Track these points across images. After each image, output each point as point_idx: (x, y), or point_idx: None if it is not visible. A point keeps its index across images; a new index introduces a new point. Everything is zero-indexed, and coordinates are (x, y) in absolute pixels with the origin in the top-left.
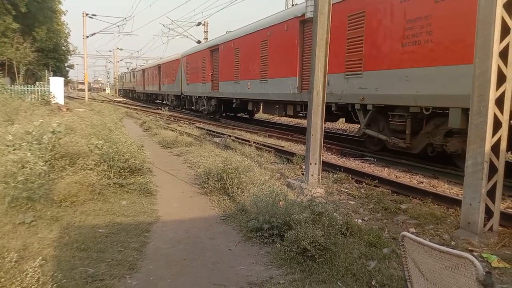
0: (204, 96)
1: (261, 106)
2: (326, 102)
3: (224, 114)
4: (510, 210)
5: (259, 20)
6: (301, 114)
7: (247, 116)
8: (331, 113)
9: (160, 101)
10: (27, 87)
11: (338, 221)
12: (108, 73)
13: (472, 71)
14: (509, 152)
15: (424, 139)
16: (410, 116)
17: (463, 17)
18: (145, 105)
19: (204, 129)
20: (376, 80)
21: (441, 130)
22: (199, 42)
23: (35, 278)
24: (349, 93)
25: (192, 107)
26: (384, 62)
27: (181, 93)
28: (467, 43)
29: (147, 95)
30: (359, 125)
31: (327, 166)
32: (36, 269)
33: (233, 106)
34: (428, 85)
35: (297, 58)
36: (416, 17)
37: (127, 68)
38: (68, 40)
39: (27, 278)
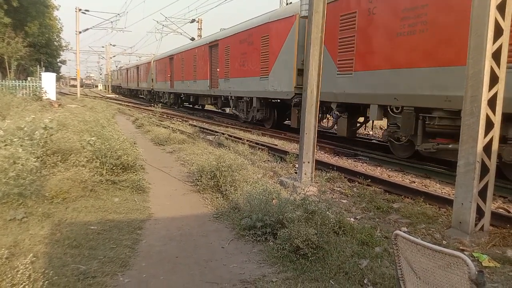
0: (166, 92)
1: (197, 99)
2: (219, 95)
3: (182, 105)
4: (501, 210)
5: (194, 41)
6: (212, 103)
7: (200, 108)
8: (219, 102)
9: (140, 96)
10: (19, 82)
11: (331, 220)
12: (100, 69)
13: (258, 81)
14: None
15: (251, 113)
16: (245, 102)
17: (255, 54)
18: (137, 102)
19: (197, 126)
20: (233, 83)
21: (254, 108)
22: (192, 39)
23: (26, 275)
24: (226, 90)
25: (161, 100)
26: (236, 73)
27: (152, 89)
28: (256, 66)
29: (130, 90)
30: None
31: (320, 165)
32: (27, 265)
33: (182, 98)
34: (247, 86)
35: (208, 68)
36: (243, 52)
37: (116, 66)
38: (60, 35)
39: (18, 275)
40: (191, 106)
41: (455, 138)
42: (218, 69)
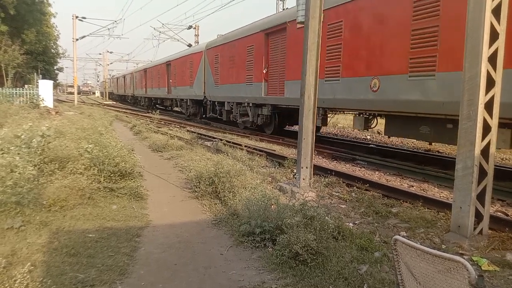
0: (143, 96)
1: (162, 101)
2: (172, 98)
3: (155, 106)
4: (499, 213)
5: (158, 60)
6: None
7: (170, 109)
8: (174, 104)
9: (128, 101)
10: (16, 90)
11: (330, 225)
12: (98, 76)
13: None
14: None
15: (188, 110)
16: (185, 102)
17: (188, 71)
18: (134, 109)
19: (195, 132)
20: (179, 90)
21: (189, 106)
22: (189, 45)
23: (24, 284)
24: (175, 94)
25: (140, 103)
26: (179, 83)
27: (134, 94)
28: (188, 79)
29: (120, 96)
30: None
31: (318, 170)
32: (25, 274)
33: (153, 101)
34: (185, 92)
35: (166, 79)
36: (182, 70)
37: (109, 75)
38: (57, 42)
39: (16, 284)
40: (164, 108)
41: (246, 116)
42: (171, 80)
